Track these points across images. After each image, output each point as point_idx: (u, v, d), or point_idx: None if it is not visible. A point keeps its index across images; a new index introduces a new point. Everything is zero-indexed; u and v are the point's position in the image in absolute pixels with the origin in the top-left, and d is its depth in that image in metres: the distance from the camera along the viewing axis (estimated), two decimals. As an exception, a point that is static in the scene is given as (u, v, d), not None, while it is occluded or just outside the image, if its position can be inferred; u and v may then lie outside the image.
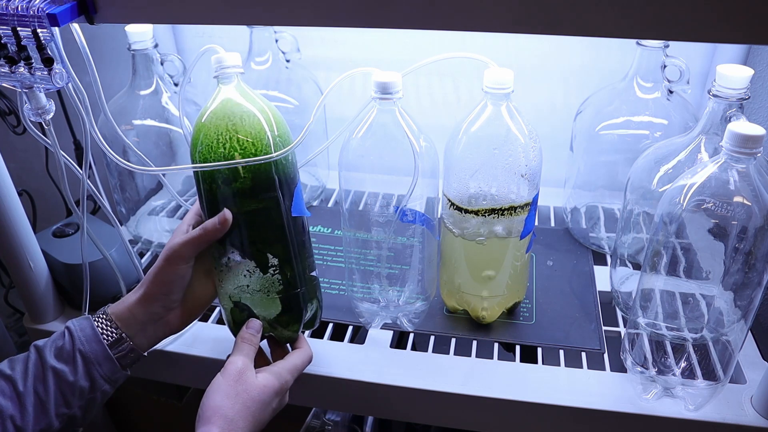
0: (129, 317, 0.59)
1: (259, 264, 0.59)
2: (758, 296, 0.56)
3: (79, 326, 0.58)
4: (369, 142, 0.63)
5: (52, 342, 0.57)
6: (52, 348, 0.57)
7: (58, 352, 0.57)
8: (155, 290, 0.58)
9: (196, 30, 1.01)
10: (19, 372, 0.56)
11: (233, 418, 0.53)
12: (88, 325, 0.58)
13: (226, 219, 0.57)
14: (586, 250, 0.85)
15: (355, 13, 0.47)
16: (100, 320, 0.59)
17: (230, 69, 0.57)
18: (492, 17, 0.45)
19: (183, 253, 0.58)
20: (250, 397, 0.55)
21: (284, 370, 0.59)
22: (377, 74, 0.60)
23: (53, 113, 0.58)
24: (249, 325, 0.61)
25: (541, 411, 0.63)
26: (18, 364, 0.56)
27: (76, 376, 0.56)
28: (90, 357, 0.57)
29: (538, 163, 0.64)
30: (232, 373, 0.56)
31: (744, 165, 0.52)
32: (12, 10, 0.50)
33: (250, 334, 0.60)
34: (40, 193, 0.98)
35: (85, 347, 0.57)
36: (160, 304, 0.59)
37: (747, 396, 0.63)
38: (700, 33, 0.43)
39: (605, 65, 0.90)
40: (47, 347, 0.57)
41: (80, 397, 0.57)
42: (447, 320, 0.74)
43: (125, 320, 0.59)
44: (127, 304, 0.59)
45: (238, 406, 0.54)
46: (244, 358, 0.58)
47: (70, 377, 0.56)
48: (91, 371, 0.57)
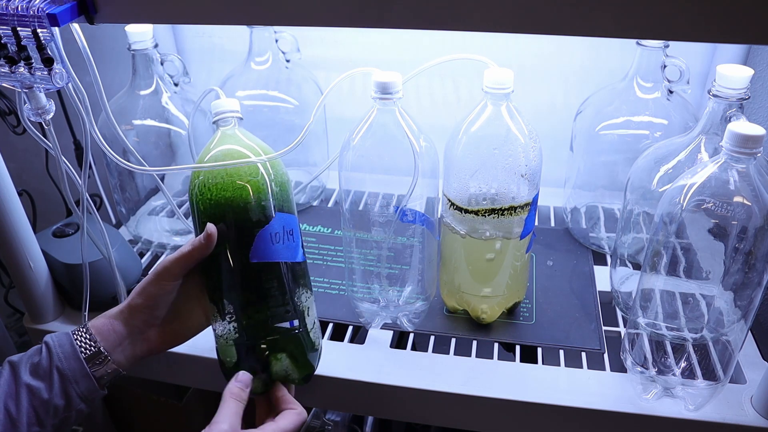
0: (109, 330, 0.57)
1: (218, 309, 0.59)
2: (758, 296, 0.56)
3: (58, 342, 0.56)
4: (369, 142, 0.63)
5: (28, 358, 0.56)
6: (27, 364, 0.55)
7: (33, 368, 0.55)
8: (140, 302, 0.57)
9: (196, 30, 1.01)
10: None
11: None
12: (67, 341, 0.56)
13: (210, 234, 0.55)
14: (586, 250, 0.85)
15: (355, 13, 0.47)
16: (79, 334, 0.57)
17: (230, 114, 0.60)
18: (492, 17, 0.45)
19: (171, 269, 0.57)
20: None
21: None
22: (377, 74, 0.60)
23: (53, 113, 0.58)
24: (238, 378, 0.57)
25: (541, 411, 0.63)
26: None
27: (51, 394, 0.54)
28: (67, 374, 0.55)
29: (538, 163, 0.64)
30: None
31: (744, 165, 0.52)
32: (12, 10, 0.50)
33: (239, 388, 0.56)
34: (40, 193, 0.98)
35: (62, 364, 0.55)
36: (142, 317, 0.58)
37: (747, 396, 0.63)
38: (700, 33, 0.43)
39: (605, 65, 0.90)
40: (23, 363, 0.55)
41: (54, 416, 0.55)
42: (447, 320, 0.74)
43: (104, 333, 0.57)
44: (108, 316, 0.58)
45: None
46: (232, 419, 0.53)
47: (45, 395, 0.54)
48: (68, 389, 0.55)
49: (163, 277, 0.57)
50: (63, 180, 0.62)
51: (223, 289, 0.58)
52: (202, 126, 0.85)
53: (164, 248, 0.89)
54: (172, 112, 0.82)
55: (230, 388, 0.56)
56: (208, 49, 1.02)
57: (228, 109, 0.59)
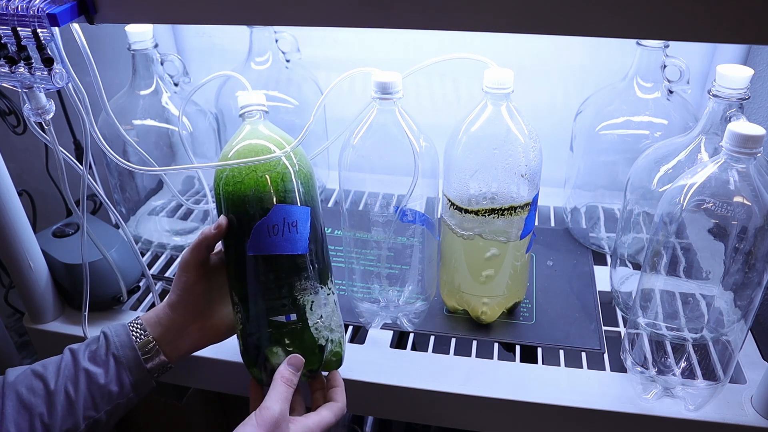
0: (155, 322, 0.60)
1: (231, 299, 0.60)
2: (758, 296, 0.56)
3: (115, 331, 0.59)
4: (369, 142, 0.63)
5: (86, 346, 0.59)
6: (86, 351, 0.58)
7: (91, 354, 0.58)
8: (175, 297, 0.60)
9: (196, 30, 1.01)
10: (52, 372, 0.57)
11: None
12: (124, 331, 0.59)
13: (220, 224, 0.57)
14: (586, 250, 0.85)
15: (355, 13, 0.47)
16: (133, 325, 0.60)
17: (256, 107, 0.60)
18: (492, 17, 0.45)
19: (188, 260, 0.59)
20: None
21: (317, 425, 0.55)
22: (377, 74, 0.60)
23: (53, 113, 0.58)
24: (290, 362, 0.57)
25: (541, 411, 0.63)
26: (51, 365, 0.57)
27: (107, 379, 0.57)
28: (122, 361, 0.58)
29: (538, 163, 0.64)
30: (269, 421, 0.51)
31: (744, 165, 0.52)
32: (12, 10, 0.50)
33: (290, 372, 0.56)
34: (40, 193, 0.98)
35: (119, 351, 0.58)
36: (181, 312, 0.60)
37: (747, 396, 0.63)
38: (700, 33, 0.43)
39: (605, 65, 0.90)
40: (81, 350, 0.58)
41: (108, 401, 0.57)
42: (447, 320, 0.74)
43: (152, 324, 0.60)
44: (156, 309, 0.61)
45: None
46: (282, 405, 0.53)
47: (102, 380, 0.57)
48: (122, 376, 0.58)
49: (185, 269, 0.59)
50: (63, 180, 0.62)
51: (230, 280, 0.60)
52: (202, 125, 0.85)
53: (164, 248, 0.89)
54: (172, 112, 0.82)
55: (282, 372, 0.56)
56: (208, 49, 1.02)
57: (255, 102, 0.60)
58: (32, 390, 0.56)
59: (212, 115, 0.87)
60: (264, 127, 0.60)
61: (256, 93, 0.60)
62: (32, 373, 0.57)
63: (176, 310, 0.60)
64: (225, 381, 0.73)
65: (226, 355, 0.70)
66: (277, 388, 0.54)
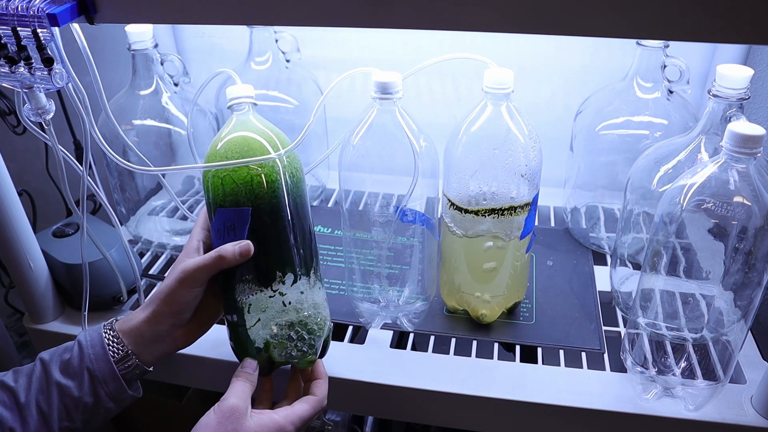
0: (136, 335, 0.58)
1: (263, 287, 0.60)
2: (758, 296, 0.56)
3: (90, 342, 0.57)
4: (369, 142, 0.63)
5: (58, 355, 0.57)
6: (57, 362, 0.57)
7: (64, 366, 0.57)
8: (165, 309, 0.58)
9: (196, 30, 1.01)
10: (23, 384, 0.56)
11: None
12: (99, 342, 0.57)
13: (249, 251, 0.56)
14: (586, 250, 0.85)
15: (355, 13, 0.47)
16: (108, 335, 0.58)
17: (244, 99, 0.60)
18: (492, 17, 0.45)
19: (198, 277, 0.56)
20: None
21: (285, 419, 0.54)
22: (377, 74, 0.60)
23: (53, 113, 0.58)
24: (244, 365, 0.58)
25: (541, 411, 0.63)
26: (21, 377, 0.56)
27: (81, 392, 0.56)
28: (97, 376, 0.56)
29: (538, 163, 0.64)
30: (225, 410, 0.53)
31: (744, 165, 0.52)
32: (12, 10, 0.50)
33: (245, 370, 0.58)
34: (40, 193, 0.98)
35: (93, 365, 0.56)
36: (170, 322, 0.58)
37: (747, 396, 0.63)
38: (700, 33, 0.43)
39: (605, 65, 0.90)
40: (53, 361, 0.57)
41: (83, 412, 0.56)
42: (447, 320, 0.74)
43: (133, 338, 0.58)
44: (135, 323, 0.59)
45: None
46: (239, 395, 0.54)
47: (75, 392, 0.56)
48: (97, 389, 0.57)
49: (189, 284, 0.57)
50: (63, 180, 0.62)
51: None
52: (201, 125, 0.85)
53: (164, 248, 0.89)
54: (172, 112, 0.82)
55: (236, 372, 0.58)
56: (208, 49, 1.02)
57: (242, 95, 0.60)
58: (3, 403, 0.55)
59: (212, 115, 0.87)
60: (253, 119, 0.60)
61: (245, 86, 0.60)
62: (2, 385, 0.55)
63: (163, 322, 0.58)
64: (225, 381, 0.73)
65: (226, 355, 0.70)
66: (233, 384, 0.56)
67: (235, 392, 0.55)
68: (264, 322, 0.59)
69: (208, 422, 0.53)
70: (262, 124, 0.60)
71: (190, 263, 0.56)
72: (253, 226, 0.58)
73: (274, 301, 0.59)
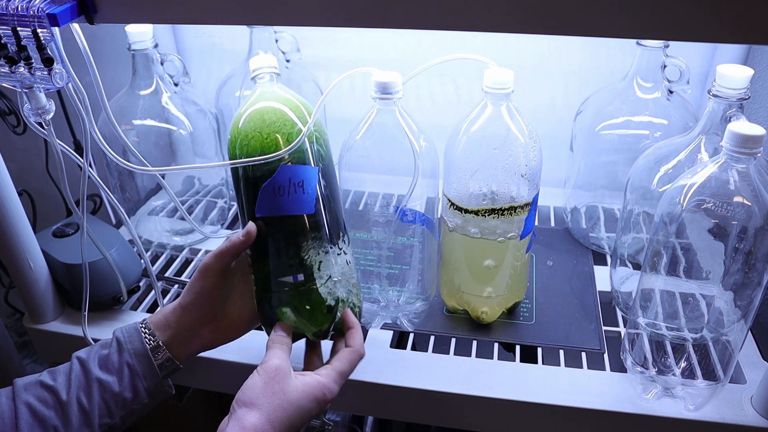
0: (164, 325, 0.59)
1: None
2: (758, 296, 0.56)
3: (128, 338, 0.58)
4: (369, 142, 0.63)
5: (95, 352, 0.58)
6: (96, 358, 0.57)
7: (103, 362, 0.57)
8: (189, 300, 0.59)
9: (196, 30, 1.01)
10: (62, 383, 0.56)
11: (268, 417, 0.51)
12: (138, 338, 0.58)
13: (250, 232, 0.57)
14: (586, 250, 0.85)
15: (355, 13, 0.47)
16: (143, 330, 0.59)
17: (267, 69, 0.60)
18: (492, 17, 0.45)
19: (212, 266, 0.58)
20: (287, 398, 0.53)
21: (328, 377, 0.56)
22: (377, 74, 0.60)
23: (53, 113, 0.58)
24: (277, 331, 0.59)
25: (541, 411, 0.63)
26: (60, 375, 0.56)
27: (121, 387, 0.57)
28: (137, 370, 0.57)
29: (538, 163, 0.64)
30: (269, 370, 0.54)
31: (744, 165, 0.52)
32: (12, 10, 0.50)
33: (279, 335, 0.58)
34: (40, 193, 0.98)
35: (133, 360, 0.57)
36: (193, 315, 0.59)
37: (747, 396, 0.63)
38: (700, 33, 0.43)
39: (605, 65, 0.90)
40: (91, 358, 0.57)
41: (123, 408, 0.57)
42: (447, 320, 0.74)
43: (161, 328, 0.59)
44: (164, 313, 0.60)
45: (273, 406, 0.52)
46: (280, 357, 0.55)
47: (116, 388, 0.56)
48: (136, 384, 0.57)
49: (205, 274, 0.58)
50: (63, 180, 0.62)
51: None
52: (201, 125, 0.85)
53: (164, 248, 0.89)
54: (172, 112, 0.82)
55: (271, 337, 0.58)
56: (208, 49, 1.02)
57: (265, 65, 0.60)
58: (44, 402, 0.55)
59: (212, 115, 0.87)
60: (276, 89, 0.60)
61: (267, 56, 0.61)
62: (41, 385, 0.56)
63: (188, 314, 0.59)
64: (225, 381, 0.73)
65: (226, 355, 0.70)
66: (271, 349, 0.56)
67: (276, 354, 0.55)
68: (333, 281, 0.59)
69: (254, 383, 0.53)
70: (287, 92, 0.60)
71: (209, 254, 0.59)
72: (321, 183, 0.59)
73: (341, 260, 0.60)
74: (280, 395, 0.52)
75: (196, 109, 0.85)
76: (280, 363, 0.54)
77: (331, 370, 0.56)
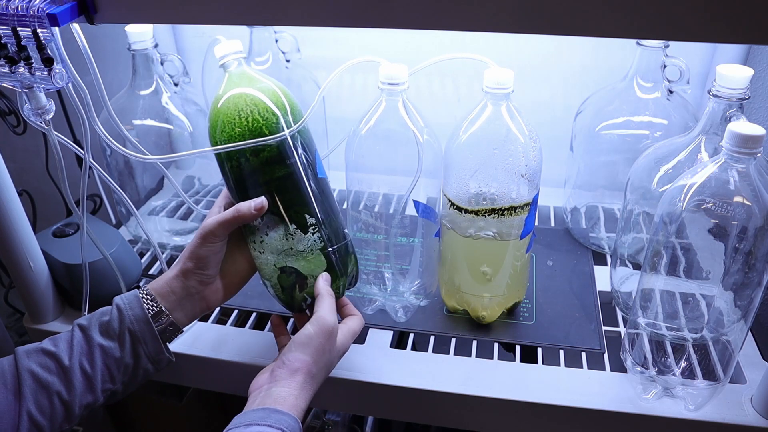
0: (168, 292, 0.60)
1: (299, 225, 0.61)
2: (758, 296, 0.56)
3: (129, 304, 0.59)
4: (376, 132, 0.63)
5: (96, 319, 0.59)
6: (97, 325, 0.58)
7: (104, 328, 0.58)
8: (191, 265, 0.60)
9: (196, 30, 1.01)
10: (64, 349, 0.57)
11: (315, 375, 0.56)
12: (137, 304, 0.59)
13: (263, 206, 0.59)
14: (586, 250, 0.85)
15: (355, 13, 0.47)
16: (144, 296, 0.60)
17: (233, 55, 0.60)
18: (492, 17, 0.45)
19: (216, 232, 0.59)
20: (332, 357, 0.58)
21: (350, 334, 0.61)
22: (384, 64, 0.62)
23: (53, 113, 0.58)
24: (326, 278, 0.61)
25: (541, 411, 0.63)
26: (61, 342, 0.57)
27: (122, 353, 0.58)
28: (138, 335, 0.58)
29: (538, 163, 0.64)
30: (326, 330, 0.57)
31: (744, 165, 0.52)
32: (12, 10, 0.50)
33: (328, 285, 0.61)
34: (40, 193, 0.98)
35: (134, 326, 0.58)
36: (197, 279, 0.60)
37: (747, 396, 0.63)
38: (700, 33, 0.43)
39: (605, 65, 0.90)
40: (92, 325, 0.58)
41: (124, 373, 0.58)
42: (447, 320, 0.74)
43: (164, 295, 0.60)
44: (166, 279, 0.61)
45: (321, 364, 0.56)
46: (333, 314, 0.59)
47: (117, 353, 0.57)
48: (138, 349, 0.58)
49: (208, 239, 0.60)
50: (63, 180, 0.62)
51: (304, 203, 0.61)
52: (202, 125, 0.85)
53: (164, 248, 0.89)
54: (172, 112, 0.82)
55: (324, 287, 0.61)
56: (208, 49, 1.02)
57: (231, 51, 0.60)
58: (47, 368, 0.55)
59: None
60: (246, 70, 0.61)
61: (231, 42, 0.61)
62: (43, 352, 0.56)
63: (191, 278, 0.60)
64: (225, 381, 0.73)
65: (226, 355, 0.70)
66: (326, 300, 0.59)
67: (330, 308, 0.59)
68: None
69: (309, 341, 0.56)
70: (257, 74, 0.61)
71: (210, 220, 0.60)
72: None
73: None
74: (328, 354, 0.57)
75: (196, 109, 0.85)
76: (333, 321, 0.58)
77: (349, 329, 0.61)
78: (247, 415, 0.52)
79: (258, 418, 0.51)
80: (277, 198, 0.60)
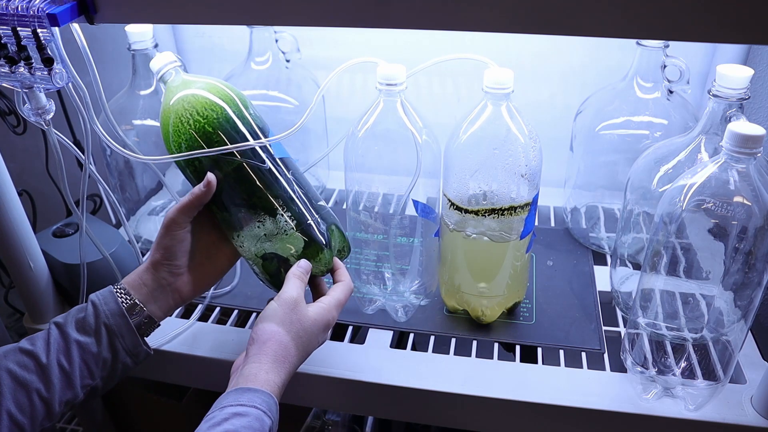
0: (140, 284, 0.60)
1: (266, 211, 0.61)
2: (758, 296, 0.56)
3: (103, 300, 0.59)
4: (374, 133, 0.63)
5: (72, 316, 0.59)
6: (73, 322, 0.58)
7: (80, 325, 0.58)
8: (158, 256, 0.60)
9: (196, 30, 1.01)
10: (41, 347, 0.57)
11: (287, 345, 0.55)
12: (112, 299, 0.59)
13: (210, 182, 0.59)
14: (586, 250, 0.85)
15: (355, 13, 0.47)
16: (118, 291, 0.60)
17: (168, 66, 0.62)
18: (492, 17, 0.45)
19: (177, 219, 0.60)
20: (302, 327, 0.57)
21: (331, 305, 0.60)
22: (382, 65, 0.62)
23: (53, 113, 0.58)
24: (299, 264, 0.62)
25: (541, 411, 0.63)
26: (38, 341, 0.57)
27: (99, 348, 0.58)
28: (114, 330, 0.58)
29: (538, 163, 0.64)
30: (288, 302, 0.57)
31: (744, 165, 0.52)
32: (12, 10, 0.50)
33: (300, 271, 0.61)
34: (40, 193, 0.98)
35: (109, 320, 0.58)
36: (166, 270, 0.61)
37: (747, 396, 0.63)
38: (700, 33, 0.43)
39: (605, 65, 0.90)
40: (68, 322, 0.58)
41: (103, 368, 0.58)
42: (447, 320, 0.74)
43: (137, 287, 0.60)
44: (138, 273, 0.61)
45: (291, 334, 0.56)
46: (298, 290, 0.59)
47: (94, 349, 0.57)
48: (114, 343, 0.58)
49: (170, 228, 0.60)
50: (63, 180, 0.62)
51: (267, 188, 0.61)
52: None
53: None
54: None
55: (293, 271, 0.61)
56: (208, 49, 1.02)
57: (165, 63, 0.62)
58: (25, 366, 0.56)
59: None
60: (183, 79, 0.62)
61: (164, 54, 0.62)
62: (20, 351, 0.56)
63: (160, 269, 0.61)
64: (225, 381, 0.73)
65: (226, 355, 0.70)
66: (290, 281, 0.60)
67: (294, 286, 0.59)
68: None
69: (274, 313, 0.57)
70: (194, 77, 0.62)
71: (172, 209, 0.60)
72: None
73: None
74: (297, 324, 0.57)
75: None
76: (296, 294, 0.58)
77: (332, 299, 0.61)
78: (221, 399, 0.53)
79: (232, 400, 0.52)
80: (239, 189, 0.61)
